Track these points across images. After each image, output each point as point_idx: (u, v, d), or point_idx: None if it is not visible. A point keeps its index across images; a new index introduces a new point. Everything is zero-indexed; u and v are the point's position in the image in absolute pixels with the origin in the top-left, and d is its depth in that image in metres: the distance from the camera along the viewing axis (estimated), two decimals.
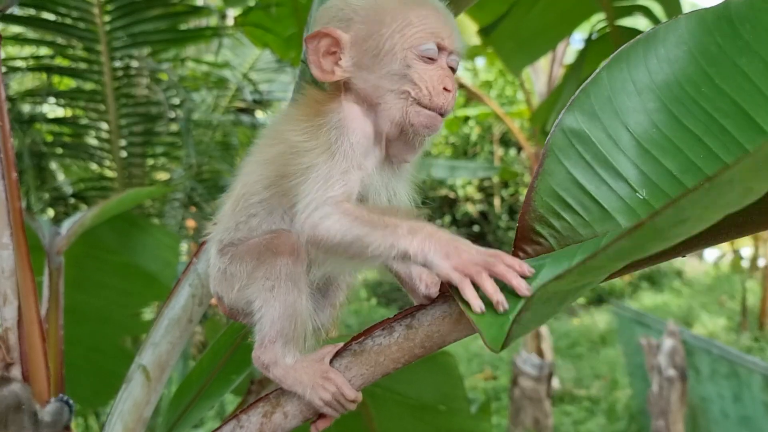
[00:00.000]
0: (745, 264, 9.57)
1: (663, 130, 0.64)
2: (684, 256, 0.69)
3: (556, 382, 6.51)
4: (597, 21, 3.00)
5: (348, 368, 0.75)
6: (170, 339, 0.96)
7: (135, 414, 0.95)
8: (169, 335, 0.97)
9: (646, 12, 2.78)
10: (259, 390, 1.42)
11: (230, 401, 4.53)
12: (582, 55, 3.01)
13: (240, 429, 0.77)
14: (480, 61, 8.80)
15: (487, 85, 10.03)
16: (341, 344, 0.76)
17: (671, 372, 4.21)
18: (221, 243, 0.81)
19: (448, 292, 0.72)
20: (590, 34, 3.02)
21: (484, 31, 2.86)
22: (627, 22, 3.21)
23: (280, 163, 0.76)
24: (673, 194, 0.65)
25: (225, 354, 1.09)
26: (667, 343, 4.32)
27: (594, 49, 2.99)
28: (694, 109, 0.63)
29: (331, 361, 0.76)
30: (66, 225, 1.43)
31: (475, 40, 3.72)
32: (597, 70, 0.68)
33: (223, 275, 0.79)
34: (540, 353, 5.48)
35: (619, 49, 0.68)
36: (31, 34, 3.30)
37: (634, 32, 2.94)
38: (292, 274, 0.74)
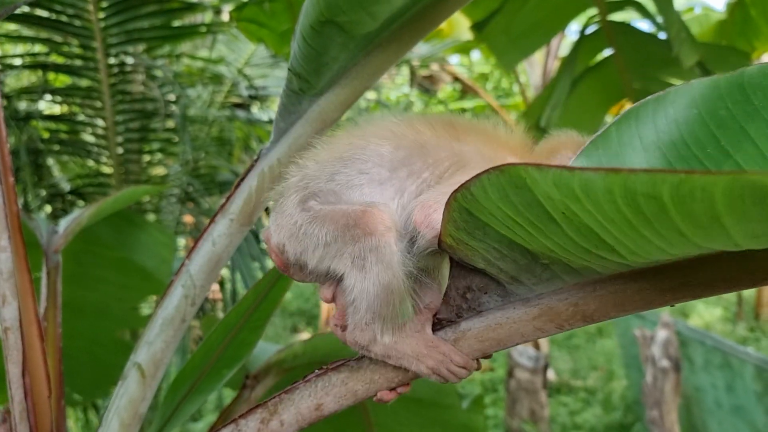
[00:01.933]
0: None
1: None
2: (673, 305, 0.71)
3: (551, 374, 6.55)
4: (591, 15, 3.00)
5: (345, 383, 0.78)
6: (164, 338, 0.99)
7: (131, 410, 0.98)
8: (163, 334, 0.99)
9: (638, 7, 2.80)
10: (254, 384, 1.44)
11: (228, 395, 4.57)
12: (575, 49, 3.02)
13: None
14: (475, 54, 8.79)
15: (483, 77, 10.03)
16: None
17: (665, 363, 4.24)
18: (305, 191, 0.74)
19: (439, 324, 0.75)
20: (583, 29, 3.03)
21: (477, 27, 2.87)
22: (620, 17, 3.22)
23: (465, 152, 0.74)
24: None
25: (217, 350, 1.12)
26: (661, 334, 4.35)
27: (587, 44, 3.00)
28: (699, 168, 0.64)
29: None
30: (63, 223, 1.45)
31: (469, 35, 3.74)
32: (607, 125, 0.70)
33: (296, 230, 0.72)
34: (536, 345, 5.52)
35: (630, 107, 0.69)
36: (26, 31, 3.31)
37: (627, 27, 2.96)
38: (384, 255, 0.69)
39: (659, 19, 2.63)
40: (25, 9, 2.96)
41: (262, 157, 1.00)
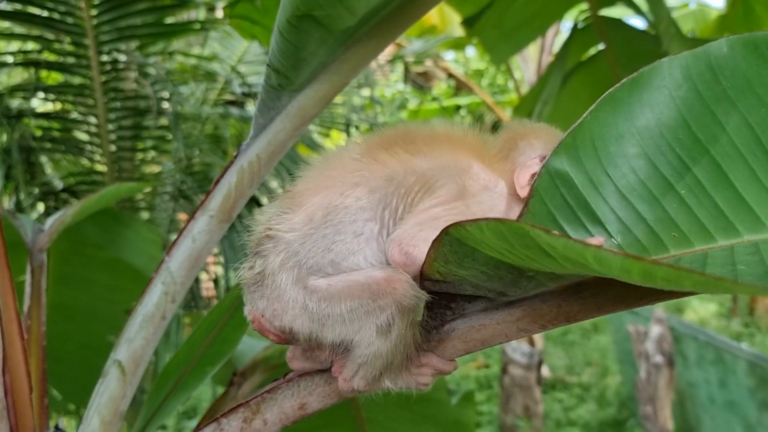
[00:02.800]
0: None
1: (640, 177, 0.65)
2: (653, 304, 0.71)
3: (546, 370, 6.56)
4: (583, 10, 3.01)
5: (328, 382, 0.77)
6: (144, 335, 0.99)
7: (111, 407, 0.97)
8: (143, 331, 0.99)
9: (629, 3, 2.80)
10: (241, 381, 1.44)
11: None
12: (567, 44, 3.03)
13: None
14: (470, 51, 8.79)
15: (478, 74, 10.03)
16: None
17: (658, 358, 4.25)
18: (298, 268, 0.69)
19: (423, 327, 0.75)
20: (575, 25, 3.03)
21: (468, 23, 2.87)
22: (613, 12, 3.22)
23: (433, 174, 0.71)
24: (645, 242, 0.67)
25: (201, 347, 1.12)
26: (655, 330, 4.36)
27: (578, 40, 3.00)
28: (671, 156, 0.64)
29: None
30: (49, 222, 1.45)
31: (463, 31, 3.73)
32: (584, 114, 0.69)
33: (308, 313, 0.69)
34: (531, 341, 5.53)
35: (606, 93, 0.68)
36: (17, 28, 3.30)
37: (618, 22, 2.97)
38: (412, 319, 0.68)
39: (651, 16, 2.64)
40: (17, 6, 2.95)
41: (242, 153, 1.00)
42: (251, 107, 4.26)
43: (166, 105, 3.37)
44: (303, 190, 0.73)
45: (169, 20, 3.37)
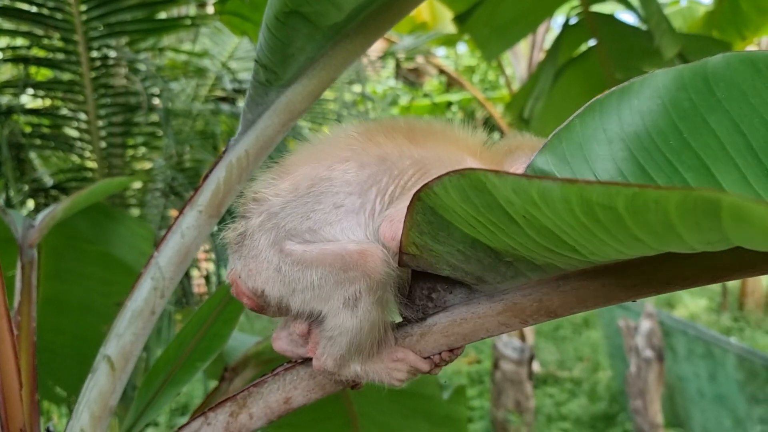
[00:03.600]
0: None
1: (628, 179, 0.66)
2: (635, 300, 0.72)
3: (538, 365, 6.60)
4: (574, 6, 3.02)
5: (312, 376, 0.78)
6: (134, 330, 0.99)
7: (101, 403, 0.98)
8: (133, 326, 0.99)
9: None
10: (233, 377, 1.45)
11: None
12: (558, 40, 3.04)
13: (207, 426, 0.80)
14: (462, 47, 8.79)
15: (470, 70, 10.03)
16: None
17: (648, 353, 4.28)
18: (276, 231, 0.70)
19: (405, 320, 0.76)
20: (566, 21, 3.04)
21: (459, 19, 2.88)
22: (604, 8, 3.23)
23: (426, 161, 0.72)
24: None
25: (191, 342, 1.12)
26: (645, 324, 4.39)
27: (569, 36, 3.01)
28: (660, 160, 0.65)
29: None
30: (39, 218, 1.45)
31: (454, 27, 3.74)
32: (570, 118, 0.69)
33: (281, 276, 0.70)
34: (522, 337, 5.55)
35: (594, 99, 0.69)
36: (6, 24, 3.28)
37: (609, 18, 2.98)
38: (380, 297, 0.68)
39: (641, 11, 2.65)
40: (5, 1, 2.93)
41: (230, 148, 1.00)
42: (242, 103, 4.25)
43: (156, 101, 3.36)
44: (294, 160, 0.74)
45: (160, 16, 3.36)
